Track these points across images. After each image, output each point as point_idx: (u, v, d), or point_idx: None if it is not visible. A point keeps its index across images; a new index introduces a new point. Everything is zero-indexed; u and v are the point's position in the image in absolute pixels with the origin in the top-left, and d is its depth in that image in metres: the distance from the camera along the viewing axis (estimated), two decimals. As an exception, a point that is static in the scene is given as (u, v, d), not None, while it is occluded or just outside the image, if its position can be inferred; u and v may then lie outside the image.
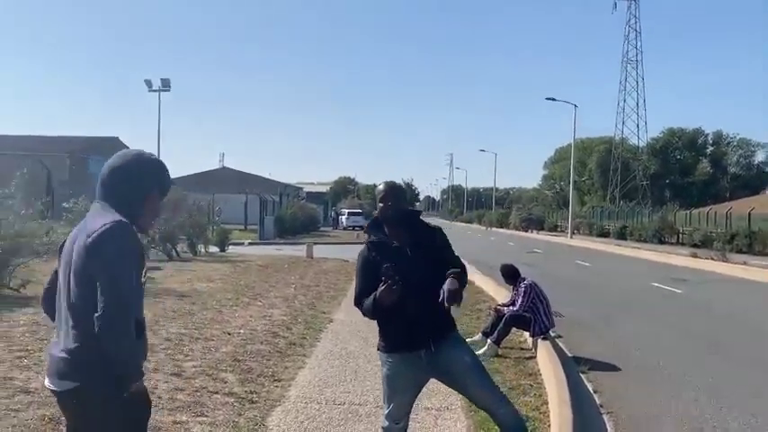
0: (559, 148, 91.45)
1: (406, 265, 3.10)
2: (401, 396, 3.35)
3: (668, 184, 77.25)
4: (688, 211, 42.06)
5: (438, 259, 3.26)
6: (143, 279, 2.27)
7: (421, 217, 3.45)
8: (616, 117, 74.39)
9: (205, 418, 4.60)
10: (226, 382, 5.52)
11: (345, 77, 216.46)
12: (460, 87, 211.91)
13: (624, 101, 71.49)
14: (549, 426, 4.78)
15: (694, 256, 23.54)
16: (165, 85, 40.36)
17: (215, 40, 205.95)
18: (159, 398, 4.94)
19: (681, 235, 35.58)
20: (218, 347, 6.84)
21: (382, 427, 3.41)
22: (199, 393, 5.15)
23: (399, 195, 3.31)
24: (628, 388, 6.34)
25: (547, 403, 5.36)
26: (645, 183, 71.13)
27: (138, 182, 2.35)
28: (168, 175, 2.45)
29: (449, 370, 3.30)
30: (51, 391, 2.28)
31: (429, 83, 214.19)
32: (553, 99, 42.19)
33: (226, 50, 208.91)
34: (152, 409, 4.54)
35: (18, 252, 9.32)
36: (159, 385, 5.27)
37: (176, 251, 18.41)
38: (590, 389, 6.21)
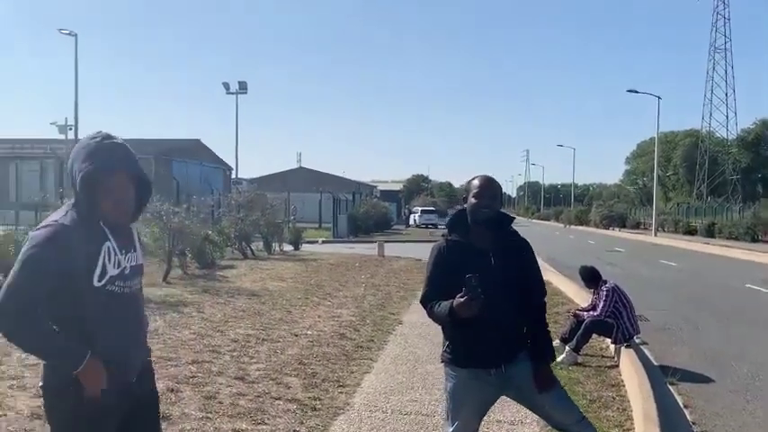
0: (642, 143, 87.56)
1: (489, 275, 2.77)
2: (468, 413, 3.04)
3: (761, 178, 72.47)
4: (785, 207, 39.24)
5: (522, 275, 2.96)
6: (100, 282, 2.13)
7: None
8: (703, 109, 69.82)
9: (265, 426, 4.44)
10: (289, 387, 5.38)
11: (419, 75, 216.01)
12: (536, 81, 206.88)
13: (712, 92, 67.48)
14: (635, 446, 4.36)
15: (794, 255, 21.85)
16: (243, 87, 41.49)
17: (292, 40, 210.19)
18: (221, 403, 4.86)
19: (777, 232, 33.25)
20: (285, 349, 6.73)
21: None
22: (261, 399, 5.01)
23: (497, 193, 2.98)
24: (723, 403, 5.76)
25: (631, 419, 4.92)
26: (735, 177, 67.04)
27: (75, 173, 2.15)
28: (108, 155, 2.14)
29: (521, 386, 2.99)
30: None
31: (504, 78, 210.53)
32: (635, 91, 40.71)
33: (302, 51, 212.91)
34: (210, 415, 4.49)
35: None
36: (222, 390, 5.19)
37: (251, 249, 18.68)
38: (680, 403, 5.68)
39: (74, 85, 31.50)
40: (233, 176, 45.08)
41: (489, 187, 2.96)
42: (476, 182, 2.99)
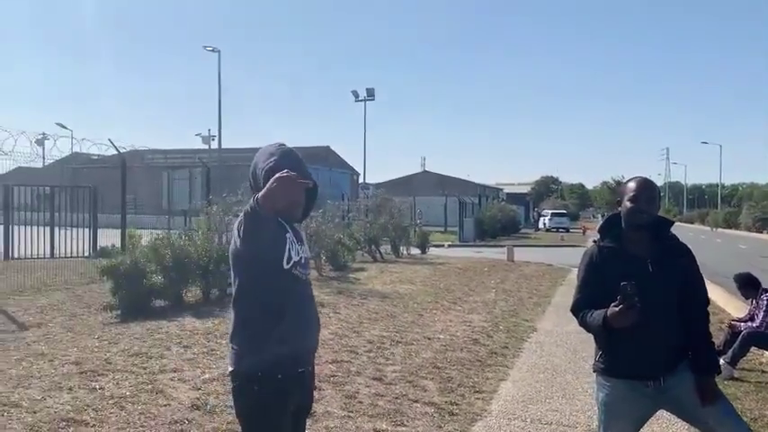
0: (800, 137, 79.27)
1: (646, 283, 2.63)
2: (622, 426, 2.90)
3: None
4: None
5: (682, 282, 2.78)
6: (288, 265, 2.35)
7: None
8: None
9: (404, 428, 4.51)
10: (426, 391, 5.42)
11: (546, 73, 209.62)
12: (674, 77, 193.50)
13: None
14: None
15: None
16: (370, 94, 42.46)
17: (416, 45, 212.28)
18: (360, 402, 5.00)
19: None
20: (419, 352, 6.79)
21: None
22: (399, 401, 5.09)
23: (655, 197, 2.82)
24: None
25: (802, 442, 4.45)
26: None
27: (260, 171, 2.39)
28: (287, 156, 2.39)
29: (680, 399, 2.80)
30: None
31: (639, 71, 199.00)
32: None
33: (426, 55, 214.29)
34: (351, 414, 4.63)
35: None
36: (361, 389, 5.33)
37: (380, 252, 19.08)
38: None
39: (217, 98, 33.97)
40: (360, 181, 46.29)
41: (646, 190, 2.80)
42: (631, 184, 2.84)
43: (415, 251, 21.51)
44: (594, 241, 2.95)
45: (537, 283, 13.76)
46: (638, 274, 2.65)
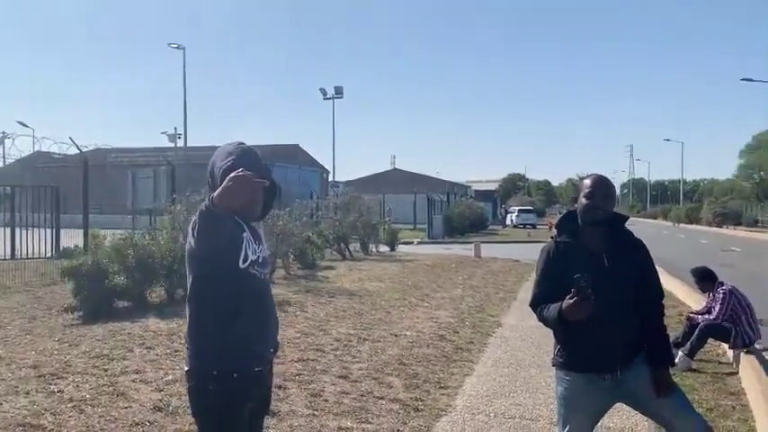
0: (758, 135, 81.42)
1: (602, 278, 2.70)
2: (581, 418, 2.96)
3: None
4: None
5: (637, 276, 2.85)
6: (244, 265, 2.34)
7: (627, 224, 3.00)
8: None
9: (369, 425, 4.52)
10: (391, 387, 5.44)
11: (514, 73, 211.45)
12: (638, 74, 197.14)
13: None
14: (761, 460, 4.06)
15: None
16: (338, 92, 42.48)
17: (384, 44, 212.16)
18: (326, 401, 4.99)
19: None
20: (385, 349, 6.81)
21: None
22: (365, 398, 5.10)
23: (610, 193, 2.87)
24: None
25: (755, 430, 4.59)
26: None
27: (217, 170, 2.37)
28: (245, 155, 2.37)
29: (635, 392, 2.88)
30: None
31: (600, 73, 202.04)
32: (750, 80, 38.13)
33: (395, 54, 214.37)
34: (316, 412, 4.62)
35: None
36: (327, 387, 5.33)
37: (349, 251, 19.06)
38: (811, 415, 5.23)
39: (182, 96, 33.52)
40: (330, 179, 46.19)
41: (601, 187, 2.86)
42: (587, 181, 2.89)
43: (384, 248, 21.56)
44: (552, 237, 3.00)
45: (503, 278, 13.91)
46: (595, 270, 2.71)
